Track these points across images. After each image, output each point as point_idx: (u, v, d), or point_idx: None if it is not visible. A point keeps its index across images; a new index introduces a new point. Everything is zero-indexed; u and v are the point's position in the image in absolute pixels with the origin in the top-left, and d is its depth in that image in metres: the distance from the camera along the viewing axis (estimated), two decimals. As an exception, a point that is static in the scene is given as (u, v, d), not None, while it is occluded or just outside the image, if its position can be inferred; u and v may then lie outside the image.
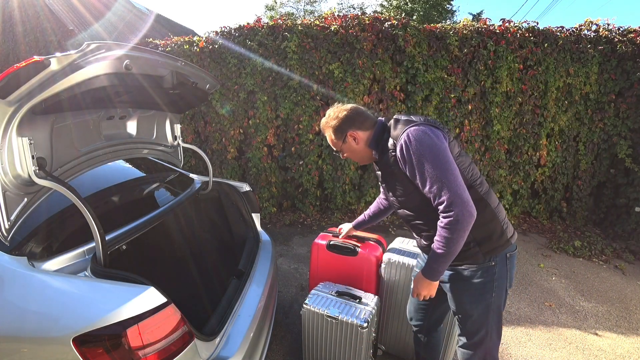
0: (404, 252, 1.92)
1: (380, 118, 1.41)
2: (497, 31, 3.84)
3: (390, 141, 1.27)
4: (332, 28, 3.87)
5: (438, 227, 1.19)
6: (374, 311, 1.73)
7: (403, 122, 1.27)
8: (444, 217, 1.17)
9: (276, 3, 20.63)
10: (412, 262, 1.84)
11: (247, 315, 1.52)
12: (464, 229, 1.15)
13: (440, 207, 1.16)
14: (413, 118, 1.28)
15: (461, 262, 1.32)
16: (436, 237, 1.21)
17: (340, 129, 1.38)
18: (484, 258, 1.29)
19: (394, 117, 1.34)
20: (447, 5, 16.43)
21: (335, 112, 1.41)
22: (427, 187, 1.18)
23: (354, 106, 1.41)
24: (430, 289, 1.32)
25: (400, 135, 1.22)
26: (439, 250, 1.21)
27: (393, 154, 1.25)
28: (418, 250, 1.93)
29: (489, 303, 1.34)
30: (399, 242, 2.04)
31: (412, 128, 1.21)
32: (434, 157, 1.15)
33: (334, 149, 1.46)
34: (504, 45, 3.79)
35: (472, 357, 1.43)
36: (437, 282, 1.31)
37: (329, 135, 1.43)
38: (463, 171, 1.23)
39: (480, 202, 1.24)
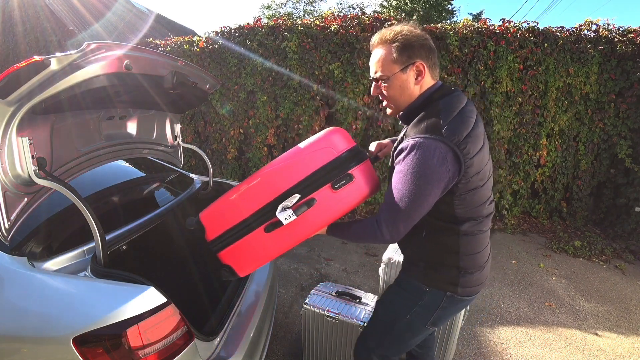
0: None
1: (439, 83, 1.10)
2: (497, 31, 3.84)
3: (406, 130, 1.07)
4: (332, 28, 3.87)
5: (371, 217, 1.08)
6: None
7: (433, 121, 0.98)
8: (376, 221, 1.05)
9: (274, 1, 20.62)
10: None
11: (247, 315, 1.52)
12: (366, 239, 1.11)
13: (381, 214, 1.05)
14: (445, 123, 0.97)
15: (407, 270, 1.24)
16: (362, 221, 1.11)
17: (412, 52, 1.02)
18: (424, 279, 1.17)
19: (443, 101, 1.03)
20: (447, 5, 16.44)
21: (412, 28, 1.04)
22: (388, 192, 1.04)
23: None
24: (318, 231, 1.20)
25: (414, 136, 0.99)
26: (344, 225, 1.15)
27: (397, 146, 1.05)
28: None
29: (398, 319, 1.23)
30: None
31: (426, 142, 0.95)
32: (411, 185, 0.97)
33: (374, 74, 1.09)
34: (504, 45, 3.79)
35: (357, 347, 1.38)
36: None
37: (389, 51, 1.03)
38: (456, 206, 1.04)
39: (450, 240, 1.10)
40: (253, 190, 1.13)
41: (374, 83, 1.12)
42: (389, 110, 1.16)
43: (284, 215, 1.07)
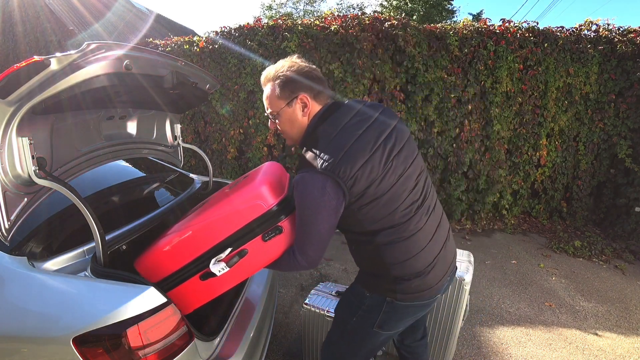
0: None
1: (332, 100, 1.13)
2: (497, 31, 3.84)
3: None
4: (332, 28, 3.87)
5: (288, 249, 1.15)
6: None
7: (311, 155, 1.04)
8: (292, 252, 1.12)
9: (274, 1, 20.63)
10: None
11: (247, 315, 1.52)
12: (288, 268, 1.16)
13: (295, 245, 1.11)
14: (322, 154, 1.01)
15: (357, 275, 1.28)
16: (282, 256, 1.15)
17: (294, 86, 1.07)
18: (363, 283, 1.22)
19: (323, 126, 1.07)
20: (447, 5, 16.44)
21: (293, 63, 1.10)
22: (298, 224, 1.08)
23: (316, 68, 1.14)
24: None
25: (298, 173, 1.04)
26: (276, 263, 1.19)
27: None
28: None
29: (347, 321, 1.27)
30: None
31: (307, 176, 1.00)
32: (305, 215, 1.03)
33: (267, 110, 1.15)
34: (504, 45, 3.79)
35: (322, 351, 1.40)
36: None
37: (273, 89, 1.10)
38: (364, 221, 1.06)
39: (374, 251, 1.10)
40: (185, 243, 1.15)
41: (269, 119, 1.17)
42: (289, 142, 1.21)
43: (217, 268, 1.12)
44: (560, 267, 3.39)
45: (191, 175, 2.35)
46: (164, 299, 1.04)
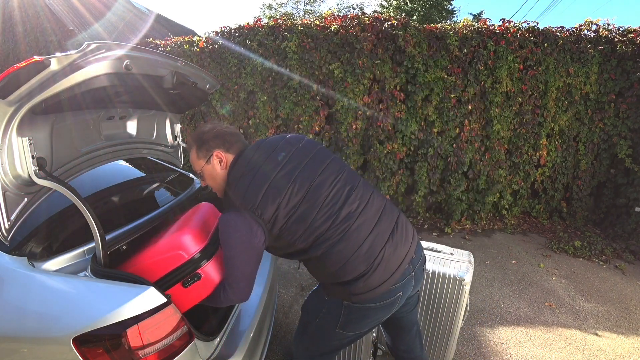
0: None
1: (238, 151, 1.25)
2: (497, 31, 3.84)
3: None
4: (332, 28, 3.87)
5: (219, 285, 1.21)
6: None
7: (225, 202, 1.19)
8: (222, 288, 1.19)
9: (275, 2, 20.64)
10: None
11: (247, 315, 1.52)
12: (222, 303, 1.20)
13: (226, 280, 1.18)
14: (234, 191, 1.15)
15: None
16: (216, 290, 1.21)
17: (207, 146, 1.23)
18: (322, 288, 1.28)
19: (232, 174, 1.19)
20: (447, 5, 16.43)
21: (203, 127, 1.29)
22: (224, 261, 1.18)
23: (227, 125, 1.30)
24: None
25: (225, 211, 1.16)
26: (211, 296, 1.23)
27: None
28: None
29: (310, 321, 1.33)
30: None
31: (223, 218, 1.13)
32: (237, 254, 1.13)
33: (195, 171, 1.31)
34: (504, 45, 3.79)
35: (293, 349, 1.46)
36: None
37: (193, 152, 1.26)
38: (292, 241, 1.14)
39: (315, 263, 1.19)
40: None
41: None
42: (219, 195, 1.31)
43: None
44: (560, 267, 3.39)
45: (191, 175, 2.34)
46: (163, 299, 1.04)
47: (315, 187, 1.15)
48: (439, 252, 1.91)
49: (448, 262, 1.80)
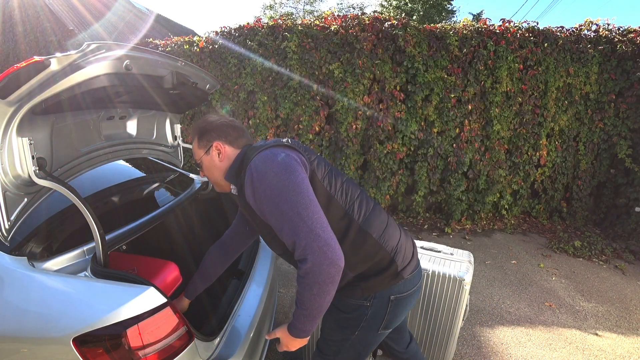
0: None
1: (248, 144, 1.18)
2: (497, 31, 3.85)
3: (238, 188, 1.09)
4: (332, 28, 3.87)
5: (298, 280, 0.93)
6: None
7: (254, 148, 1.08)
8: (300, 268, 0.91)
9: (275, 3, 20.66)
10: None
11: (247, 315, 1.52)
12: (325, 282, 0.89)
13: (296, 254, 0.91)
14: (267, 142, 1.10)
15: (340, 292, 1.15)
16: (298, 293, 0.95)
17: (207, 136, 1.17)
18: (361, 294, 1.12)
19: (252, 145, 1.14)
20: (447, 5, 16.44)
21: (208, 117, 1.24)
22: (278, 229, 0.95)
23: (233, 119, 1.24)
24: (300, 344, 1.08)
25: (247, 165, 1.01)
26: (303, 311, 0.96)
27: (240, 190, 1.06)
28: (419, 251, 1.92)
29: (346, 338, 1.20)
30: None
31: (258, 155, 1.01)
32: (281, 190, 0.92)
33: (195, 161, 1.26)
34: (504, 45, 3.79)
35: None
36: (307, 338, 1.07)
37: (194, 142, 1.22)
38: (335, 194, 1.05)
39: (358, 233, 1.07)
40: None
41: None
42: (216, 188, 1.29)
43: None
44: (560, 267, 3.39)
45: (191, 175, 2.35)
46: (163, 299, 1.04)
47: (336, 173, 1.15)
48: (439, 252, 1.91)
49: (448, 262, 1.80)
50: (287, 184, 0.93)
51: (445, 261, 1.81)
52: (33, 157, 1.10)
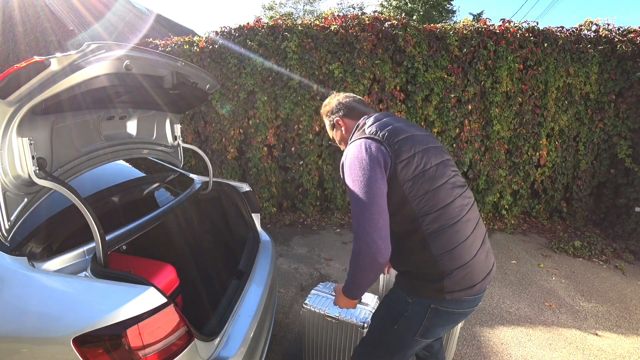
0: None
1: (370, 114, 1.27)
2: (497, 31, 3.84)
3: None
4: (332, 28, 3.87)
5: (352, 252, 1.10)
6: (373, 311, 1.73)
7: (359, 131, 1.21)
8: (353, 245, 1.08)
9: (275, 3, 20.65)
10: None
11: (247, 315, 1.52)
12: (363, 269, 1.06)
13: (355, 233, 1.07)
14: (367, 127, 1.17)
15: (396, 279, 1.26)
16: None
17: (330, 115, 1.38)
18: (406, 289, 1.18)
19: (365, 119, 1.23)
20: (447, 5, 16.44)
21: (329, 98, 1.42)
22: (352, 205, 1.08)
23: (349, 94, 1.39)
24: (349, 304, 1.23)
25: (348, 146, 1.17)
26: (348, 276, 1.14)
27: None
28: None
29: (385, 329, 1.24)
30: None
31: (353, 143, 1.14)
32: (356, 182, 1.06)
33: (330, 138, 1.44)
34: (504, 45, 3.79)
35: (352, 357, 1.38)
36: (353, 302, 1.22)
37: (325, 122, 1.43)
38: (410, 199, 1.08)
39: (419, 242, 1.10)
40: None
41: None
42: None
43: None
44: (560, 267, 3.39)
45: (191, 175, 2.35)
46: (164, 299, 1.04)
47: (443, 163, 1.17)
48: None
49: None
50: (361, 180, 1.05)
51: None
52: (33, 157, 1.10)
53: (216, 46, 4.08)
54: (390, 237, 1.06)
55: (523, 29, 3.89)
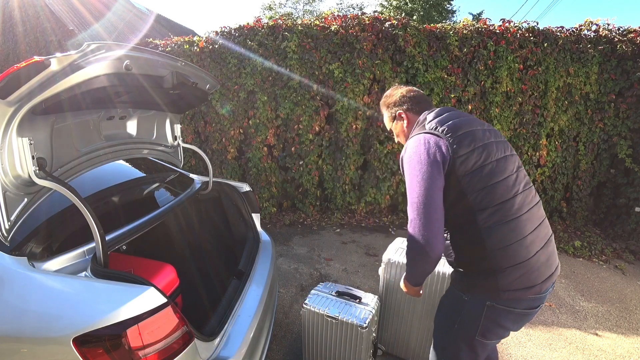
0: (404, 252, 1.92)
1: (431, 110, 1.31)
2: (497, 31, 3.84)
3: None
4: (332, 28, 3.87)
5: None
6: (373, 311, 1.73)
7: (420, 125, 1.24)
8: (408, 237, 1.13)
9: (275, 3, 20.65)
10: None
11: (247, 315, 1.52)
12: (415, 259, 1.13)
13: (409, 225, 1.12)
14: (427, 122, 1.20)
15: (451, 276, 1.29)
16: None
17: (392, 107, 1.39)
18: (460, 286, 1.20)
19: (426, 114, 1.27)
20: (447, 5, 16.43)
21: (392, 90, 1.42)
22: (408, 198, 1.13)
23: (412, 88, 1.40)
24: (413, 291, 1.32)
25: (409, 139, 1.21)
26: (406, 265, 1.23)
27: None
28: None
29: (449, 328, 1.26)
30: (400, 242, 2.04)
31: (413, 138, 1.18)
32: (413, 176, 1.10)
33: (388, 127, 1.45)
34: (504, 45, 3.79)
35: (433, 343, 1.39)
36: (419, 287, 1.30)
37: (384, 114, 1.43)
38: (469, 193, 1.09)
39: (473, 236, 1.10)
40: None
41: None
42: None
43: None
44: (561, 267, 3.38)
45: (191, 175, 2.35)
46: (164, 299, 1.04)
47: (505, 159, 1.16)
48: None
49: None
50: (418, 175, 1.09)
51: (443, 259, 1.82)
52: (33, 157, 1.10)
53: (216, 46, 4.08)
54: (446, 231, 1.12)
55: (523, 29, 3.89)
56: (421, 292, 1.36)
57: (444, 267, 1.77)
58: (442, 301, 1.34)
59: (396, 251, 1.94)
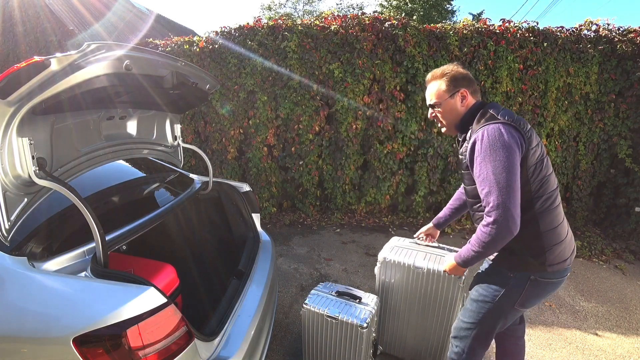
0: (399, 250, 1.92)
1: (479, 100, 1.39)
2: (497, 31, 3.84)
3: (469, 132, 1.33)
4: (332, 28, 3.87)
5: (479, 225, 1.25)
6: (373, 311, 1.73)
7: (488, 116, 1.28)
8: (485, 219, 1.21)
9: (274, 4, 20.65)
10: (408, 261, 1.84)
11: (247, 315, 1.52)
12: (497, 240, 1.19)
13: (486, 209, 1.20)
14: (498, 115, 1.26)
15: (494, 259, 1.41)
16: (475, 233, 1.27)
17: (456, 82, 1.36)
18: (508, 265, 1.34)
19: (488, 106, 1.33)
20: (447, 5, 16.43)
21: (452, 65, 1.40)
22: (480, 187, 1.22)
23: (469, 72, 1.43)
24: (457, 272, 1.48)
25: (478, 130, 1.24)
26: (472, 247, 1.30)
27: (467, 145, 1.30)
28: (415, 248, 1.93)
29: (486, 303, 1.39)
30: (395, 241, 2.04)
31: (490, 126, 1.22)
32: (497, 161, 1.17)
33: (430, 102, 1.41)
34: (504, 45, 3.79)
35: (455, 347, 1.50)
36: (463, 270, 1.46)
37: (439, 84, 1.38)
38: (531, 182, 1.24)
39: (530, 219, 1.25)
40: None
41: (430, 109, 1.43)
42: (443, 129, 1.45)
43: None
44: (560, 267, 3.38)
45: (191, 175, 2.35)
46: (164, 299, 1.04)
47: (548, 157, 1.33)
48: (438, 250, 1.92)
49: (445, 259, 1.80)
50: (504, 161, 1.16)
51: (441, 258, 1.82)
52: (33, 157, 1.10)
53: (216, 46, 4.08)
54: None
55: (523, 29, 3.89)
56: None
57: (439, 265, 1.77)
58: (480, 285, 1.42)
59: (392, 250, 1.94)
